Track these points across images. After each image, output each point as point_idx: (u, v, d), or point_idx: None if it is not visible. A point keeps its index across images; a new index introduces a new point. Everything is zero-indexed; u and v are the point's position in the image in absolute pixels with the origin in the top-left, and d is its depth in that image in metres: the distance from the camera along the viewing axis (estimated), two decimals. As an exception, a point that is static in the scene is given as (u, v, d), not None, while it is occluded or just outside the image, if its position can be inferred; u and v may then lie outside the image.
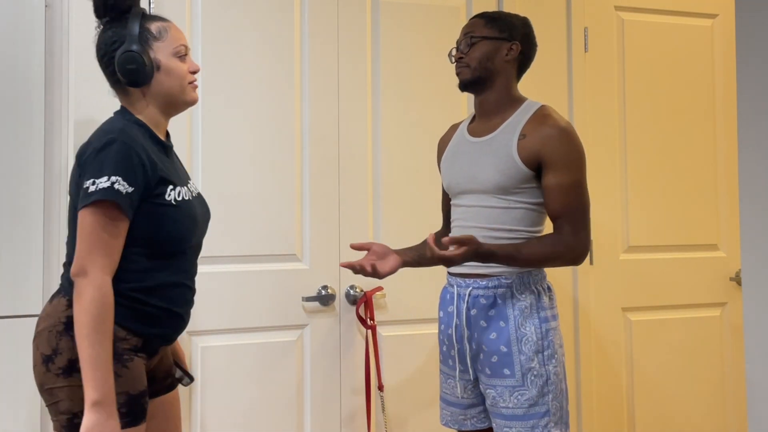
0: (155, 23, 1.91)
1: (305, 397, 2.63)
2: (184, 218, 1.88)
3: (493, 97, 2.17)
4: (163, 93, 1.90)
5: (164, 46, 1.89)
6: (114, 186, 1.73)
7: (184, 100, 1.94)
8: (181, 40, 1.93)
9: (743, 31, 1.69)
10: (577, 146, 2.08)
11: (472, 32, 2.18)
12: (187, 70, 1.93)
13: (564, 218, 2.06)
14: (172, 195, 1.85)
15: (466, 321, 2.12)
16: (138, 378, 1.81)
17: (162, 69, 1.89)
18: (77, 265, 1.74)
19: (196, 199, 1.97)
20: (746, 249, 1.70)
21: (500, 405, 2.06)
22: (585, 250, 2.09)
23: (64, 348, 1.77)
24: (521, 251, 2.05)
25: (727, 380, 3.19)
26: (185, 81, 1.92)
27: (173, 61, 1.90)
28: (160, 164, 1.85)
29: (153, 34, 1.89)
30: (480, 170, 2.12)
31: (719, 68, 3.24)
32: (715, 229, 3.21)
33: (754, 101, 1.66)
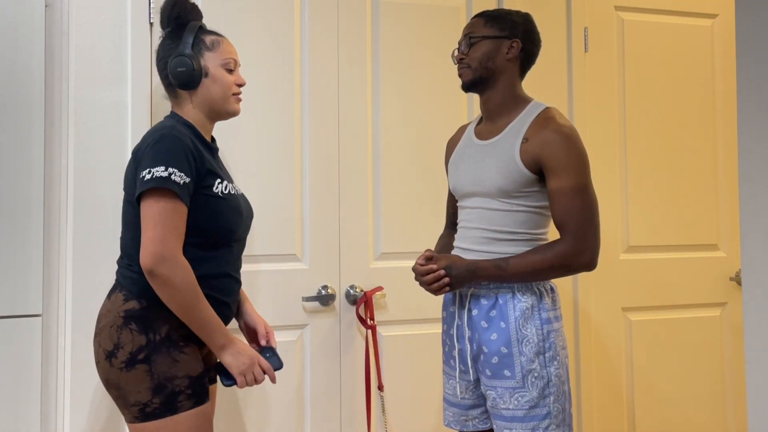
0: (210, 36, 2.09)
1: (305, 397, 2.63)
2: (232, 210, 2.02)
3: (497, 97, 2.16)
4: (209, 99, 2.06)
5: (214, 57, 2.07)
6: (171, 177, 1.87)
7: (227, 110, 2.09)
8: (231, 54, 2.10)
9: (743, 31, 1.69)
10: (579, 150, 2.06)
11: (472, 32, 2.17)
12: (233, 82, 2.09)
13: (566, 225, 2.03)
14: (220, 188, 2.00)
15: (467, 321, 2.12)
16: (196, 361, 1.95)
17: (210, 76, 2.06)
18: (152, 252, 1.85)
19: (240, 195, 2.12)
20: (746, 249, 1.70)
21: (500, 406, 2.06)
22: (589, 253, 2.04)
23: (125, 341, 1.90)
24: (509, 264, 2.03)
25: (727, 380, 3.19)
26: (230, 91, 2.08)
27: (220, 71, 2.07)
28: (208, 158, 2.01)
29: (206, 44, 2.07)
30: (483, 173, 2.12)
31: (719, 68, 3.24)
32: (715, 229, 3.21)
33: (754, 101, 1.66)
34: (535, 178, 2.06)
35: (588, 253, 2.05)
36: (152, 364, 1.88)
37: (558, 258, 2.03)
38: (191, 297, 1.88)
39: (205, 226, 1.96)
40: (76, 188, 2.36)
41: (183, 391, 1.89)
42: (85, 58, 2.40)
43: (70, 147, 2.37)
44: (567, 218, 2.03)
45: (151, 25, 2.47)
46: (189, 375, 1.92)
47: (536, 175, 2.06)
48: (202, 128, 2.08)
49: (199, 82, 2.04)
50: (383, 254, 2.74)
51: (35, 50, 2.34)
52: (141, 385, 1.88)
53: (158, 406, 1.87)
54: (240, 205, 2.06)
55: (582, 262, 2.05)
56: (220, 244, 2.01)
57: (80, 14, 2.39)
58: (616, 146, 3.08)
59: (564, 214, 2.04)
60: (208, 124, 2.11)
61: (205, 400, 1.95)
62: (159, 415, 1.87)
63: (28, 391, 2.29)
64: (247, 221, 2.12)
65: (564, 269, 2.06)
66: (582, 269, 2.08)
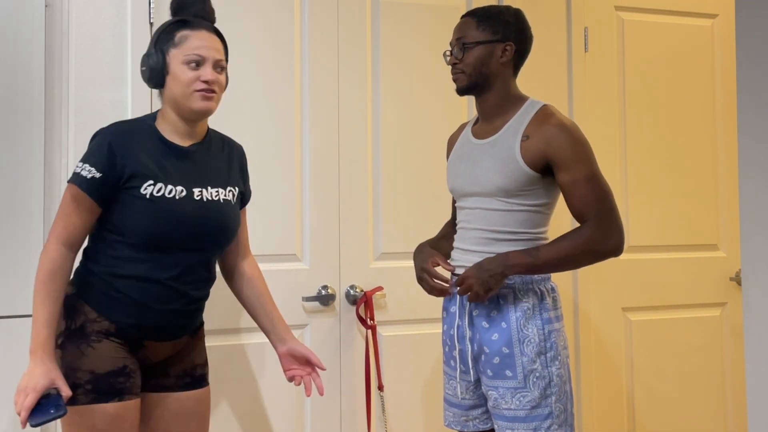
0: (183, 31, 2.00)
1: (305, 397, 2.63)
2: (160, 215, 1.95)
3: (493, 99, 2.16)
4: (171, 97, 2.00)
5: (178, 53, 1.98)
6: (80, 172, 1.92)
7: (190, 107, 2.00)
8: (197, 49, 1.98)
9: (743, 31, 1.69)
10: (582, 140, 2.06)
11: (464, 37, 2.14)
12: (196, 78, 1.97)
13: (586, 212, 2.03)
14: (150, 190, 1.94)
15: (468, 321, 2.12)
16: (106, 359, 1.93)
17: (170, 74, 1.99)
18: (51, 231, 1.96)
19: (202, 202, 2.01)
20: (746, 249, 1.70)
21: (502, 407, 2.06)
22: (615, 237, 2.02)
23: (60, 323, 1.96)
24: (539, 253, 2.02)
25: (727, 380, 3.19)
26: (189, 89, 1.97)
27: (181, 68, 1.98)
28: (147, 160, 1.96)
29: (174, 41, 2.00)
30: (482, 173, 2.11)
31: (719, 68, 3.24)
32: (715, 229, 3.21)
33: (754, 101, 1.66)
34: (536, 176, 2.06)
35: (615, 236, 2.03)
36: (64, 351, 1.93)
37: (588, 243, 2.01)
38: (39, 282, 1.90)
39: (129, 226, 1.95)
40: (76, 188, 2.36)
41: (82, 385, 1.90)
42: (85, 58, 2.40)
43: (70, 147, 2.37)
44: (586, 207, 2.03)
45: (151, 25, 2.47)
46: (92, 371, 1.91)
47: (538, 172, 2.05)
48: (174, 128, 2.02)
49: (162, 81, 2.00)
50: (383, 254, 2.74)
51: (35, 50, 2.34)
52: (63, 363, 1.93)
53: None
54: (178, 210, 1.97)
55: (610, 246, 2.03)
56: (150, 247, 1.95)
57: (80, 14, 2.39)
58: (616, 146, 3.08)
59: (582, 204, 2.03)
60: (183, 125, 2.03)
61: (110, 399, 1.91)
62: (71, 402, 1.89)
63: (28, 391, 2.29)
64: (198, 229, 2.00)
65: (593, 255, 2.05)
66: (610, 254, 2.05)
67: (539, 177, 2.06)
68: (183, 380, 2.08)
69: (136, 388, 1.97)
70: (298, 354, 2.18)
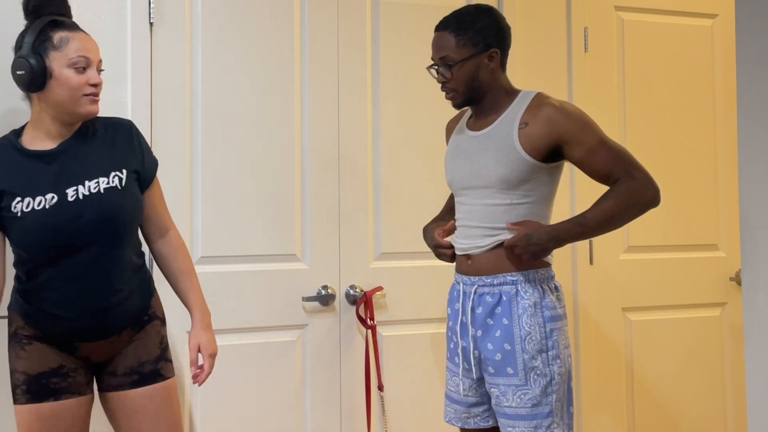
0: (60, 33, 1.94)
1: (305, 397, 2.63)
2: (29, 228, 1.93)
3: (488, 100, 2.16)
4: (54, 102, 1.94)
5: (61, 56, 1.92)
6: None
7: (78, 112, 1.96)
8: (82, 51, 1.94)
9: (743, 31, 1.69)
10: (583, 113, 2.08)
11: (447, 57, 2.11)
12: (85, 82, 1.93)
13: (612, 173, 2.03)
14: (19, 207, 1.93)
15: (471, 318, 2.12)
16: (38, 361, 1.97)
17: (54, 78, 1.92)
18: None
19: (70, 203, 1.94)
20: (746, 249, 1.70)
21: (504, 404, 2.06)
22: (650, 184, 2.02)
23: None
24: (587, 218, 2.03)
25: (727, 380, 3.19)
26: (79, 93, 1.93)
27: (68, 71, 1.92)
28: (9, 179, 1.94)
29: (53, 43, 1.92)
30: (482, 165, 2.11)
31: (719, 68, 3.23)
32: (715, 229, 3.21)
33: (754, 101, 1.66)
34: (536, 164, 2.05)
35: (651, 185, 2.03)
36: (8, 354, 2.01)
37: (630, 196, 2.01)
38: None
39: (15, 247, 1.98)
40: (76, 188, 2.35)
41: (19, 386, 1.97)
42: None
43: (70, 147, 2.36)
44: (612, 168, 2.03)
45: (151, 25, 2.47)
46: (25, 372, 1.97)
47: (539, 160, 2.05)
48: (45, 133, 1.97)
49: (42, 85, 1.91)
50: (383, 254, 2.74)
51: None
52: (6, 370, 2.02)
53: (11, 392, 2.00)
54: (45, 220, 1.92)
55: (651, 194, 2.03)
56: (37, 260, 1.95)
57: (80, 14, 2.39)
58: (616, 146, 3.08)
59: (606, 166, 2.04)
60: (59, 127, 1.98)
61: (42, 399, 1.96)
62: (13, 400, 1.99)
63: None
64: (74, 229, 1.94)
65: (638, 207, 2.04)
66: (652, 203, 2.04)
67: (539, 165, 2.06)
68: (131, 377, 2.04)
69: (77, 387, 2.00)
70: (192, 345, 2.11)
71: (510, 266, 2.08)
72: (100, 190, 1.97)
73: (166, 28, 2.49)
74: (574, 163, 2.07)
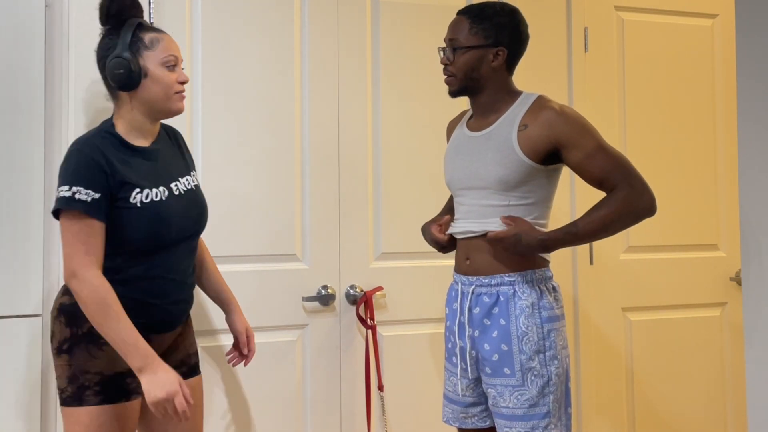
0: (149, 34, 2.04)
1: (305, 397, 2.63)
2: (152, 220, 1.99)
3: (486, 98, 2.16)
4: (148, 99, 2.02)
5: (154, 55, 2.02)
6: (75, 196, 1.91)
7: (169, 108, 2.05)
8: (171, 50, 2.04)
9: (743, 31, 1.69)
10: (582, 118, 2.09)
11: (456, 40, 2.13)
12: (175, 80, 2.04)
13: (608, 179, 2.03)
14: (139, 197, 1.98)
15: (468, 319, 2.12)
16: (115, 361, 1.95)
17: (149, 76, 2.01)
18: (66, 270, 1.93)
19: (178, 196, 2.06)
20: (746, 249, 1.70)
21: (501, 404, 2.06)
22: (646, 193, 2.03)
23: (56, 331, 2.01)
24: (578, 228, 2.04)
25: (727, 380, 3.19)
26: (171, 90, 2.03)
27: (161, 69, 2.02)
28: (125, 170, 1.98)
29: (145, 43, 2.02)
30: (480, 165, 2.11)
31: (719, 68, 3.23)
32: (715, 229, 3.21)
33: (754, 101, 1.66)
34: (534, 167, 2.05)
35: (647, 193, 2.03)
36: (72, 356, 1.97)
37: (623, 206, 2.01)
38: (98, 313, 1.90)
39: (125, 239, 1.98)
40: (76, 188, 2.36)
41: (91, 387, 1.95)
42: (85, 58, 2.39)
43: (70, 147, 2.37)
44: (608, 174, 2.03)
45: (151, 25, 2.46)
46: (101, 372, 1.96)
47: (537, 162, 2.05)
48: (139, 130, 2.05)
49: (138, 83, 2.00)
50: (383, 254, 2.74)
51: (35, 50, 2.34)
52: (62, 372, 1.98)
53: (70, 394, 1.96)
54: (166, 211, 2.02)
55: (645, 204, 2.03)
56: (150, 251, 2.01)
57: (80, 14, 2.39)
58: (615, 146, 3.06)
59: (602, 172, 2.03)
60: (149, 125, 2.07)
61: (118, 400, 1.98)
62: (69, 403, 1.96)
63: (28, 391, 2.29)
64: (184, 222, 2.07)
65: (632, 216, 2.04)
66: (646, 212, 2.05)
67: (538, 167, 2.06)
68: (180, 370, 2.10)
69: (140, 386, 1.99)
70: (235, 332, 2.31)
71: (508, 267, 2.08)
72: (191, 187, 2.13)
73: (166, 28, 2.48)
74: (571, 168, 2.07)
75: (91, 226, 1.92)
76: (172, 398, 1.89)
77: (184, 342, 2.17)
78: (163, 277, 2.03)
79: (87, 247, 1.91)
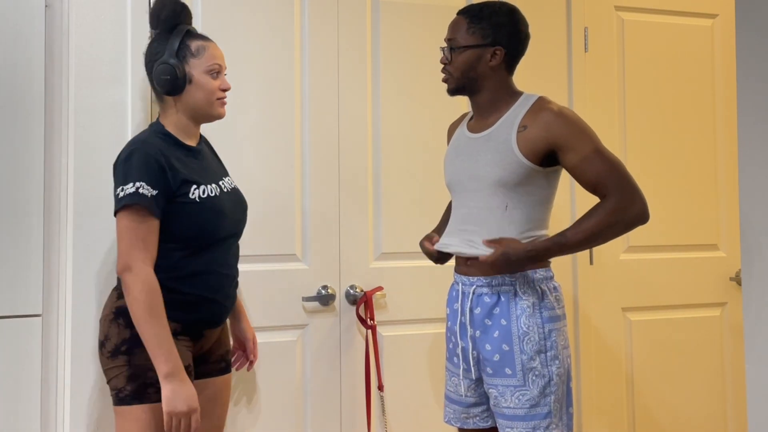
0: (196, 42, 2.14)
1: (305, 397, 2.63)
2: (210, 213, 2.09)
3: (485, 98, 2.16)
4: (192, 104, 2.13)
5: (199, 63, 2.12)
6: (139, 191, 1.98)
7: (211, 114, 2.17)
8: (216, 59, 2.15)
9: (743, 31, 1.69)
10: (581, 121, 2.08)
11: (454, 40, 2.14)
12: (218, 87, 2.14)
13: (602, 184, 2.02)
14: (197, 193, 2.08)
15: (470, 319, 2.12)
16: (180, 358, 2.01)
17: (194, 83, 2.12)
18: (120, 263, 2.00)
19: (227, 194, 2.19)
20: (746, 249, 1.70)
21: (502, 404, 2.06)
22: (638, 202, 2.02)
23: (112, 334, 2.04)
24: (567, 237, 2.02)
25: (727, 380, 3.19)
26: (214, 96, 2.14)
27: (205, 77, 2.12)
28: (183, 167, 2.08)
29: (191, 50, 2.12)
30: (481, 167, 2.11)
31: (719, 68, 3.23)
32: (715, 229, 3.21)
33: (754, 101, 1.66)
34: (533, 168, 2.05)
35: (638, 202, 2.03)
36: (132, 356, 2.02)
37: (612, 215, 2.01)
38: (145, 310, 1.96)
39: (185, 233, 2.06)
40: (76, 188, 2.36)
41: (154, 384, 1.99)
42: (85, 58, 2.40)
43: (70, 147, 2.37)
44: (602, 179, 2.02)
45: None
46: None
47: (536, 164, 2.05)
48: (185, 132, 2.16)
49: (183, 89, 2.11)
50: (383, 254, 2.74)
51: (35, 50, 2.34)
52: (119, 372, 2.02)
53: (129, 393, 2.01)
54: (221, 205, 2.13)
55: (635, 213, 2.03)
56: (206, 245, 2.09)
57: (80, 14, 2.39)
58: (615, 146, 3.07)
59: (597, 176, 2.02)
60: (193, 127, 2.18)
61: None
62: (128, 402, 2.01)
63: (28, 391, 2.29)
64: (234, 217, 2.19)
65: (621, 225, 2.04)
66: (637, 221, 2.05)
67: (537, 169, 2.06)
68: (219, 365, 2.23)
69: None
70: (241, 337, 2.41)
71: None
72: (234, 185, 2.26)
73: (166, 28, 2.49)
74: (567, 170, 2.07)
75: (150, 222, 2.00)
76: (190, 415, 1.97)
77: (225, 338, 2.28)
78: (219, 272, 2.13)
79: (145, 244, 1.99)
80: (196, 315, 2.10)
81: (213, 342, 2.21)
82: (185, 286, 2.06)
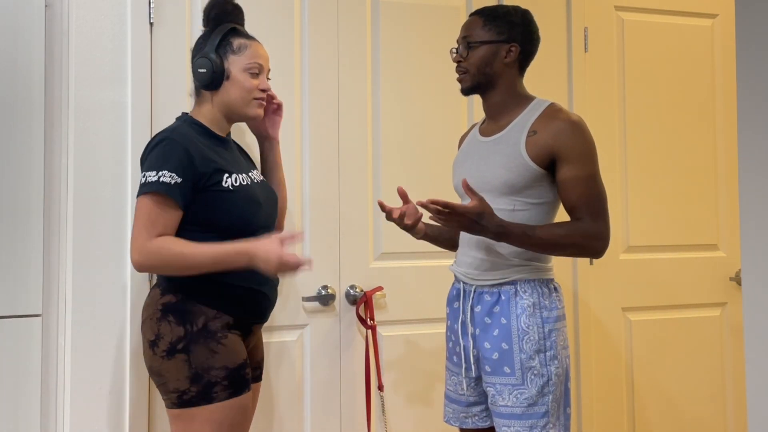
0: (239, 39, 2.14)
1: (305, 397, 2.63)
2: (244, 201, 2.07)
3: (498, 98, 2.17)
4: (228, 102, 2.13)
5: (239, 60, 2.12)
6: (160, 179, 1.96)
7: (246, 113, 2.16)
8: (257, 58, 2.15)
9: (743, 31, 1.69)
10: (589, 139, 2.08)
11: (470, 36, 2.16)
12: (256, 86, 2.14)
13: (581, 209, 2.04)
14: (229, 182, 2.05)
15: (470, 318, 2.12)
16: (235, 352, 2.02)
17: (231, 79, 2.12)
18: (132, 248, 1.98)
19: (258, 184, 2.17)
20: (746, 249, 1.69)
21: (499, 403, 2.06)
22: (604, 239, 2.05)
23: (164, 332, 2.00)
24: (535, 231, 2.03)
25: (727, 380, 3.19)
26: (250, 96, 2.14)
27: (243, 75, 2.12)
28: (214, 156, 2.06)
29: (233, 47, 2.13)
30: (489, 169, 2.12)
31: (719, 68, 3.24)
32: (715, 229, 3.21)
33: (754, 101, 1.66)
34: (540, 172, 2.06)
35: (603, 239, 2.06)
36: (190, 354, 1.97)
37: (581, 237, 2.03)
38: (178, 261, 1.96)
39: (223, 222, 2.04)
40: (76, 188, 2.36)
41: (219, 382, 1.97)
42: (85, 58, 2.40)
43: (70, 147, 2.37)
44: (583, 205, 2.03)
45: (151, 25, 2.47)
46: (226, 366, 1.99)
47: (543, 168, 2.05)
48: (217, 125, 2.15)
49: (220, 84, 2.10)
50: (383, 254, 2.74)
51: (35, 50, 2.34)
52: (180, 373, 1.97)
53: (195, 394, 1.96)
54: (255, 194, 2.11)
55: (597, 247, 2.06)
56: (242, 234, 2.03)
57: (80, 14, 2.39)
58: (616, 146, 3.08)
59: (579, 200, 2.04)
60: (225, 124, 2.18)
61: (243, 391, 2.02)
62: (195, 403, 1.96)
63: (28, 391, 2.29)
64: (267, 208, 2.17)
65: (580, 249, 2.08)
66: (594, 253, 2.08)
67: (544, 173, 2.06)
68: (255, 372, 2.20)
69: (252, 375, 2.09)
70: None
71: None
72: (263, 179, 2.25)
73: (166, 28, 2.49)
74: (557, 179, 2.07)
75: (167, 205, 1.97)
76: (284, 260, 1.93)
77: (260, 344, 2.26)
78: None
79: (153, 223, 1.96)
80: (246, 308, 2.08)
81: (252, 345, 2.18)
82: (232, 278, 2.02)
